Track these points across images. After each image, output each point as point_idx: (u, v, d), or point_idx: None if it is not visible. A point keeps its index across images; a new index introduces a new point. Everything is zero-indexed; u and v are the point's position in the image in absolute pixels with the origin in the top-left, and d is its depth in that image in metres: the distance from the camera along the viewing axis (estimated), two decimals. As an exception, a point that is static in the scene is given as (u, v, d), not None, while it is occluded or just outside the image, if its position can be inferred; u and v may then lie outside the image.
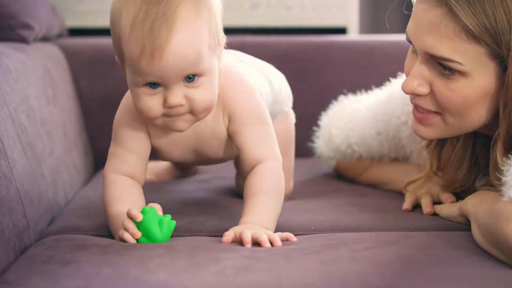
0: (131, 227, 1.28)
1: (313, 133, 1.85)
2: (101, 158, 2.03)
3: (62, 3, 2.24)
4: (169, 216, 1.30)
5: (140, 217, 1.27)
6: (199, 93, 1.29)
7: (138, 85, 1.28)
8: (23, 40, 1.81)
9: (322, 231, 1.40)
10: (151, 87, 1.28)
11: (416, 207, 1.53)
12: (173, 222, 1.30)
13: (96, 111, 2.09)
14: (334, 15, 2.30)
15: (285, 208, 1.37)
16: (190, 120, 1.32)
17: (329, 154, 1.80)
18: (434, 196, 1.52)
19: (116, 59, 1.32)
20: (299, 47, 2.16)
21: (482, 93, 1.30)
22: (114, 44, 1.30)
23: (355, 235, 1.34)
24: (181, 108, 1.29)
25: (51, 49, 1.99)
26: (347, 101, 1.82)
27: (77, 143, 1.92)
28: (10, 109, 1.46)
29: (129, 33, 1.25)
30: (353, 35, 2.32)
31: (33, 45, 1.85)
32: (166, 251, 1.23)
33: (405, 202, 1.53)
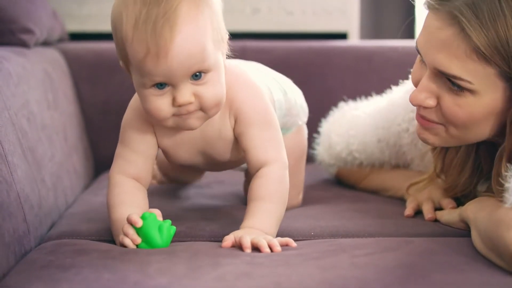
0: (131, 233, 1.28)
1: (313, 140, 1.84)
2: (102, 163, 2.03)
3: (63, 7, 2.24)
4: (169, 221, 1.30)
5: (139, 223, 1.27)
6: (207, 90, 1.28)
7: (145, 86, 1.28)
8: (24, 45, 1.81)
9: (322, 237, 1.40)
10: (159, 87, 1.27)
11: (417, 213, 1.53)
12: (173, 227, 1.30)
13: (96, 116, 2.09)
14: (335, 20, 2.31)
15: (286, 214, 1.37)
16: (202, 117, 1.32)
17: (330, 161, 1.80)
18: (435, 202, 1.52)
19: (121, 63, 1.31)
20: (299, 52, 2.16)
21: (489, 110, 1.31)
22: (118, 48, 1.29)
23: (355, 241, 1.34)
24: (191, 106, 1.28)
25: (52, 54, 1.99)
26: (347, 108, 1.82)
27: (78, 147, 1.92)
28: (10, 113, 1.46)
29: (132, 36, 1.24)
30: (354, 40, 2.32)
31: (34, 49, 1.85)
32: (166, 256, 1.23)
33: (407, 208, 1.53)
